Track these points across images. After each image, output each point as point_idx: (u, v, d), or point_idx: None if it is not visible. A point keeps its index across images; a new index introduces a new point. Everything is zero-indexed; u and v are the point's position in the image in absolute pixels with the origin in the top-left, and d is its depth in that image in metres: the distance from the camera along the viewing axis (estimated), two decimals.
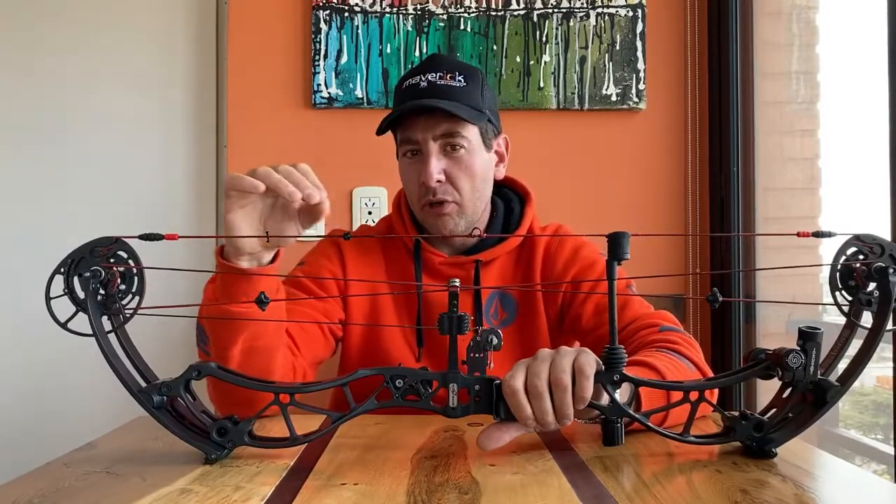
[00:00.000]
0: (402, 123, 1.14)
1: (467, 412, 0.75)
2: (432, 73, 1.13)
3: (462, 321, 0.74)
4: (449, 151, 1.13)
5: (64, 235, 1.02)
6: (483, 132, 1.16)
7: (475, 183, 1.14)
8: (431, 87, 1.12)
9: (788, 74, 1.81)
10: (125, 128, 1.91)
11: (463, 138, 1.12)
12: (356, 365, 1.17)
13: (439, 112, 1.10)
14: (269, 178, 0.82)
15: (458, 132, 1.12)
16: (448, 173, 1.12)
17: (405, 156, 1.16)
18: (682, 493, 0.65)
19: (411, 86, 1.14)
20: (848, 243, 0.77)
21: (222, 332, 0.91)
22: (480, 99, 1.14)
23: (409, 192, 1.19)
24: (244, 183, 0.81)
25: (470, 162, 1.13)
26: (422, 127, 1.12)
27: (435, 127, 1.11)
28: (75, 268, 0.74)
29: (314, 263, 1.20)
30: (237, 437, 0.76)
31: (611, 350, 0.75)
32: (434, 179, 1.11)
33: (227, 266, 0.87)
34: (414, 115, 1.12)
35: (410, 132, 1.13)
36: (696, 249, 1.89)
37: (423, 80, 1.13)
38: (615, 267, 0.74)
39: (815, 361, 0.74)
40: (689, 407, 0.77)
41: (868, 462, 1.64)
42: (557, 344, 1.15)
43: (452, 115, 1.10)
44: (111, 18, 1.91)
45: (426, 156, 1.12)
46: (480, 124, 1.14)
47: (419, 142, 1.12)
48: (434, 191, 1.12)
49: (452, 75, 1.13)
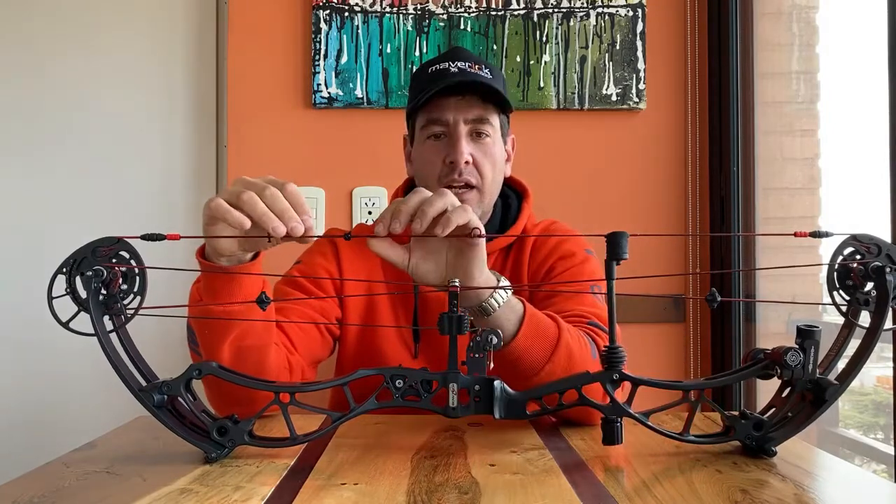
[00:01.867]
0: (427, 105, 1.14)
1: (467, 412, 0.75)
2: (461, 61, 1.14)
3: (462, 321, 0.74)
4: (475, 138, 1.14)
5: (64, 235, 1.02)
6: (502, 125, 1.18)
7: (495, 172, 1.16)
8: (462, 72, 1.13)
9: (788, 74, 1.81)
10: (125, 128, 1.92)
11: (490, 126, 1.15)
12: (353, 363, 1.17)
13: (472, 96, 1.12)
14: (255, 210, 0.77)
15: (487, 119, 1.14)
16: (474, 158, 1.13)
17: (429, 138, 1.16)
18: (682, 493, 0.65)
19: (440, 70, 1.14)
20: (845, 243, 0.77)
21: (209, 334, 0.90)
22: (505, 92, 1.16)
23: (425, 174, 1.17)
24: (230, 217, 0.77)
25: (493, 150, 1.15)
26: (454, 108, 1.13)
27: (467, 110, 1.13)
28: (77, 267, 0.74)
29: (310, 262, 1.20)
30: (237, 437, 0.76)
31: (610, 349, 0.75)
32: (465, 158, 1.12)
33: (209, 266, 0.86)
34: (445, 97, 1.13)
35: (440, 113, 1.13)
36: (696, 249, 1.89)
37: (454, 66, 1.14)
38: (613, 266, 0.74)
39: (813, 359, 0.74)
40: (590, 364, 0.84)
41: (868, 462, 1.64)
42: None
43: (484, 102, 1.12)
44: (111, 19, 1.91)
45: (457, 137, 1.13)
46: (501, 116, 1.17)
47: (449, 123, 1.13)
48: (461, 171, 1.12)
49: (480, 67, 1.15)
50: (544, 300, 1.12)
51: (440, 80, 1.12)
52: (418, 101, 1.14)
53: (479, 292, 0.85)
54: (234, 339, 0.90)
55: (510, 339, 0.87)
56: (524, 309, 0.89)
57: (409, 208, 0.82)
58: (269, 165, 1.85)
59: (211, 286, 0.87)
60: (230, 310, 0.87)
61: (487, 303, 0.86)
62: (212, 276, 0.86)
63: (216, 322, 0.89)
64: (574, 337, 0.93)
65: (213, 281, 0.87)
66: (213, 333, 0.90)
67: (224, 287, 0.86)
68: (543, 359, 0.88)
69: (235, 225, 0.77)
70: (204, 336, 0.91)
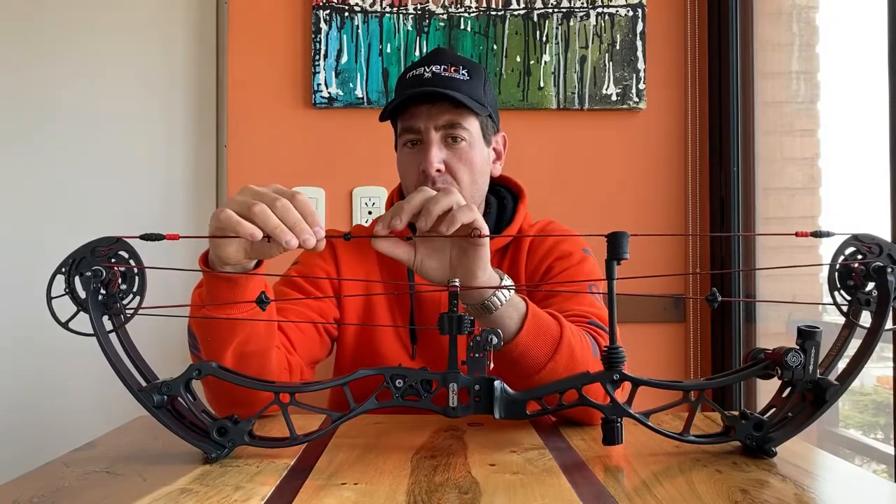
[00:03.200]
0: (403, 113, 1.14)
1: (467, 412, 0.75)
2: (436, 65, 1.13)
3: (462, 321, 0.74)
4: (450, 143, 1.13)
5: (64, 235, 1.02)
6: (483, 126, 1.16)
7: (474, 176, 1.15)
8: (436, 77, 1.12)
9: (788, 74, 1.81)
10: (125, 128, 1.91)
11: (464, 130, 1.13)
12: (350, 363, 1.17)
13: (443, 102, 1.10)
14: (267, 224, 0.76)
15: (460, 123, 1.12)
16: (448, 164, 1.12)
17: (405, 146, 1.16)
18: (682, 493, 0.65)
19: (415, 76, 1.14)
20: (846, 243, 0.77)
21: (212, 339, 0.90)
22: (483, 93, 1.15)
23: (406, 183, 1.18)
24: (241, 230, 0.76)
25: (470, 154, 1.14)
26: (425, 116, 1.12)
27: (438, 117, 1.12)
28: (76, 267, 0.74)
29: (308, 263, 1.20)
30: (237, 437, 0.76)
31: (610, 350, 0.75)
32: (434, 167, 1.11)
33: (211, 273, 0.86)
34: (417, 104, 1.12)
35: (412, 121, 1.13)
36: (696, 249, 1.89)
37: (427, 70, 1.13)
38: (614, 266, 0.74)
39: (814, 360, 0.74)
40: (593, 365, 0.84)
41: (868, 462, 1.64)
42: None
43: (456, 107, 1.10)
44: (111, 19, 1.91)
45: (427, 144, 1.12)
46: (482, 118, 1.15)
47: (421, 130, 1.12)
48: (433, 180, 1.11)
49: (456, 68, 1.13)
50: (543, 300, 1.11)
51: (414, 87, 1.12)
52: (387, 109, 1.14)
53: (482, 291, 0.85)
54: (237, 345, 0.90)
55: (512, 337, 0.87)
56: (527, 307, 0.89)
57: (412, 207, 0.82)
58: (269, 165, 1.85)
59: (213, 294, 0.87)
60: (232, 313, 0.87)
61: (490, 301, 0.86)
62: (214, 285, 0.86)
63: (219, 328, 0.88)
64: (576, 336, 0.93)
65: (215, 289, 0.86)
66: (216, 339, 0.90)
67: (226, 295, 0.86)
68: (545, 357, 0.88)
69: (246, 237, 0.76)
70: (206, 342, 0.91)
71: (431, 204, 0.82)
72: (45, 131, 1.89)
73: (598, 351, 0.95)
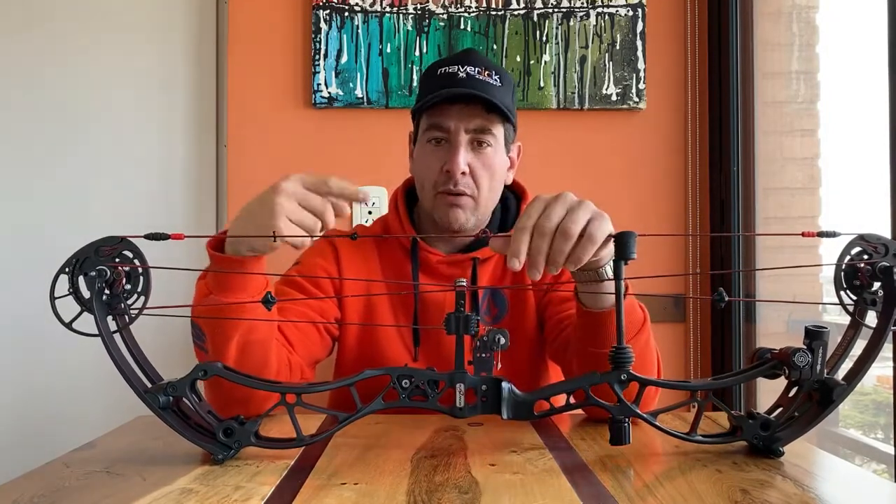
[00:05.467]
0: (431, 109, 1.14)
1: (475, 412, 0.75)
2: (470, 66, 1.13)
3: (469, 321, 0.73)
4: (476, 147, 1.13)
5: (64, 235, 1.02)
6: (507, 134, 1.17)
7: (493, 182, 1.15)
8: (470, 79, 1.12)
9: (788, 74, 1.82)
10: (125, 128, 1.91)
11: (492, 136, 1.13)
12: (353, 364, 1.17)
13: (476, 105, 1.11)
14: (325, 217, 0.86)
15: (489, 129, 1.13)
16: (472, 167, 1.13)
17: (429, 142, 1.15)
18: (683, 493, 0.65)
19: (449, 74, 1.13)
20: (852, 243, 0.77)
21: (219, 329, 0.91)
22: (511, 101, 1.16)
23: (423, 177, 1.17)
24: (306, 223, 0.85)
25: (493, 161, 1.14)
26: (456, 116, 1.12)
27: (469, 119, 1.12)
28: (80, 267, 0.74)
29: (309, 263, 1.20)
30: (243, 438, 0.76)
31: (617, 349, 0.75)
32: (461, 170, 1.11)
33: (222, 257, 0.89)
34: (449, 103, 1.12)
35: (442, 118, 1.13)
36: (696, 249, 1.89)
37: (462, 70, 1.12)
38: (622, 266, 0.74)
39: (821, 360, 0.75)
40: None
41: (868, 462, 1.64)
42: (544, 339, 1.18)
43: (488, 111, 1.11)
44: (111, 18, 1.91)
45: (456, 145, 1.12)
46: (507, 125, 1.16)
47: (450, 130, 1.12)
48: (456, 181, 1.12)
49: (490, 73, 1.13)
50: (560, 304, 1.12)
51: (448, 84, 1.12)
52: (423, 104, 1.13)
53: (599, 260, 0.85)
54: (242, 333, 0.91)
55: (606, 307, 0.91)
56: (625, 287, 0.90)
57: (546, 237, 0.78)
58: (268, 165, 1.85)
59: (221, 279, 0.89)
60: (239, 306, 0.88)
61: (604, 270, 0.88)
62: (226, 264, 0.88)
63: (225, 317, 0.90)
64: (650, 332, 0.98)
65: (225, 272, 0.88)
66: (223, 329, 0.91)
67: (235, 278, 0.88)
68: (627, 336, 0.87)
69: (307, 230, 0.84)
70: (213, 331, 0.92)
71: (571, 223, 0.78)
72: (45, 131, 1.89)
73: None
